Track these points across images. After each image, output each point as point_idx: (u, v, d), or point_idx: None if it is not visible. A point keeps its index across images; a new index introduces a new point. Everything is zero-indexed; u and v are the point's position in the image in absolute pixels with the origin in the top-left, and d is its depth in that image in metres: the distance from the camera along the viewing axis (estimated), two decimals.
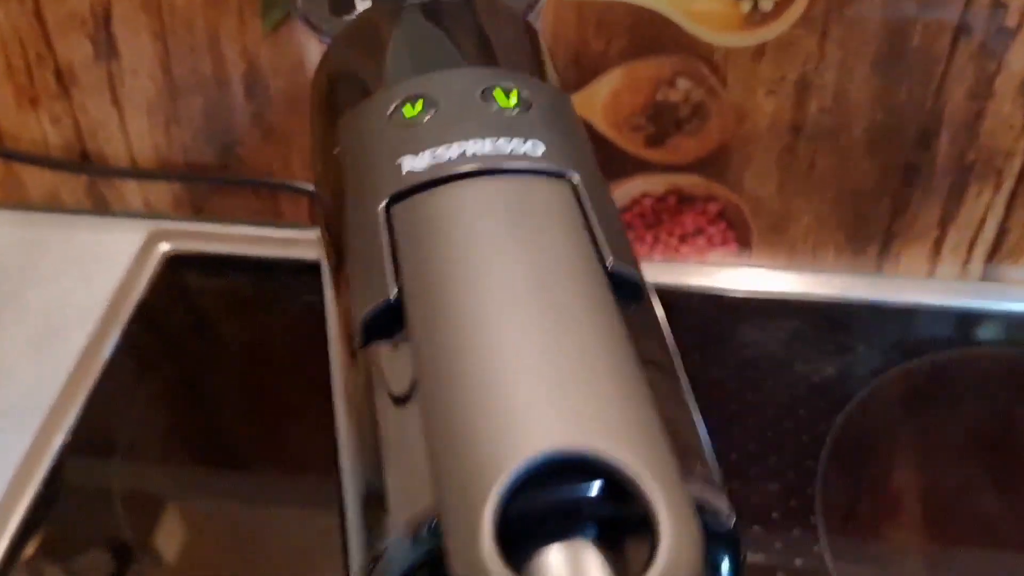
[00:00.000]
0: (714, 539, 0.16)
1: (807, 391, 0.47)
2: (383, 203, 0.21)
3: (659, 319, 0.22)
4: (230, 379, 0.52)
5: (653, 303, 0.23)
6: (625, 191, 0.52)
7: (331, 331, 0.24)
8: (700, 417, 0.20)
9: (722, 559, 0.18)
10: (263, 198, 0.56)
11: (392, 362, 0.20)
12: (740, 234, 0.52)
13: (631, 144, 0.50)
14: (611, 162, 0.51)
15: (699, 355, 0.49)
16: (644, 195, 0.52)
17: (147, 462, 0.48)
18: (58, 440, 0.47)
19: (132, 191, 0.57)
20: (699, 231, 0.53)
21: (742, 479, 0.43)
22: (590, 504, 0.16)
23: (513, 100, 0.24)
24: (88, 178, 0.57)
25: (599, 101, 0.48)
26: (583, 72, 0.48)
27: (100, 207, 0.58)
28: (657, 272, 0.53)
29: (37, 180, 0.57)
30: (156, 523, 0.44)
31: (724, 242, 0.53)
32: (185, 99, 0.52)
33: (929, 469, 0.44)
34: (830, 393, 0.47)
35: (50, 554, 0.43)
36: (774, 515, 0.42)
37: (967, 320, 0.51)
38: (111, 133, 0.54)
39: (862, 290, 0.52)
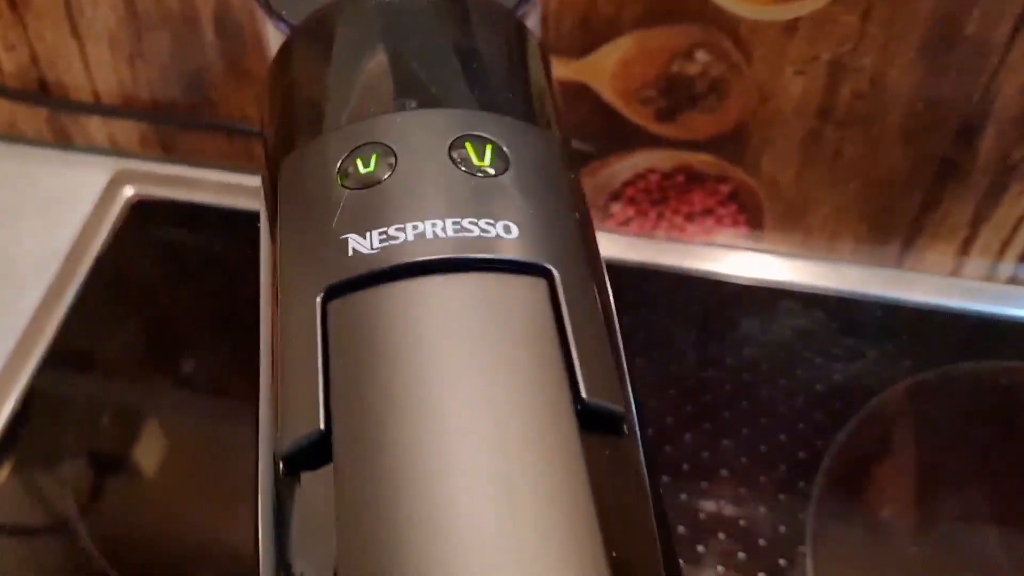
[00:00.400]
0: None
1: (807, 402, 0.44)
2: (320, 295, 0.18)
3: (638, 455, 0.19)
4: (195, 339, 0.49)
5: (635, 430, 0.20)
6: (629, 164, 0.47)
7: (261, 427, 0.21)
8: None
9: None
10: (235, 140, 0.52)
11: (316, 508, 0.17)
12: (752, 217, 0.48)
13: (639, 117, 0.45)
14: (616, 133, 0.46)
15: (694, 353, 0.45)
16: (650, 170, 0.47)
17: (106, 428, 0.45)
18: (8, 405, 0.45)
19: (96, 125, 0.52)
20: (708, 211, 0.48)
21: (729, 498, 0.41)
22: None
23: (487, 157, 0.20)
24: (49, 110, 0.52)
25: (607, 69, 0.43)
26: (591, 37, 0.43)
27: (62, 140, 0.53)
28: (658, 252, 0.49)
29: None
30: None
31: (734, 224, 0.49)
32: (150, 34, 0.47)
33: (934, 500, 0.41)
34: (832, 405, 0.43)
35: None
36: (760, 542, 0.39)
37: (990, 326, 0.47)
38: (71, 64, 0.50)
39: (878, 286, 0.48)
